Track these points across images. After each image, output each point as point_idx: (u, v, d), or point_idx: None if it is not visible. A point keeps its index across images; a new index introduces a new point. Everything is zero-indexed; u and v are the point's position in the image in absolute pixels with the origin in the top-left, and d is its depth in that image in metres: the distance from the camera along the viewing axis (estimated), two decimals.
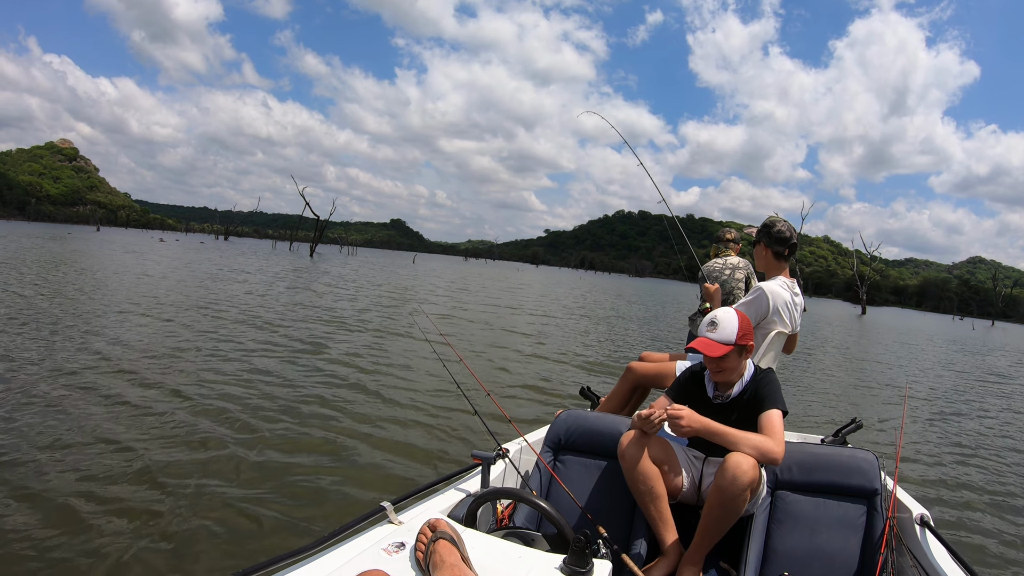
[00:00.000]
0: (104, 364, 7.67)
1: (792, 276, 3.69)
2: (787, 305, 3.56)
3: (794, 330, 3.67)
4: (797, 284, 3.72)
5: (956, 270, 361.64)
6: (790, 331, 3.62)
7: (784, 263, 3.69)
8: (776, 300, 3.52)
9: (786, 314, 3.56)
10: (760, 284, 3.61)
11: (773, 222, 3.69)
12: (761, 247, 3.74)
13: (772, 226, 3.67)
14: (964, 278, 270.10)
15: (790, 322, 3.59)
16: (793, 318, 3.61)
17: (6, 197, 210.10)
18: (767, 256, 3.71)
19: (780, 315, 3.53)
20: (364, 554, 1.85)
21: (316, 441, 5.68)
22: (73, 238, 54.93)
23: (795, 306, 3.62)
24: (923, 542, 2.61)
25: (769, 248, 3.69)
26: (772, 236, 3.66)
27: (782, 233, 3.64)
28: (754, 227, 4.32)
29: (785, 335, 3.61)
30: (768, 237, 3.68)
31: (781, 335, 3.58)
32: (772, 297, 3.52)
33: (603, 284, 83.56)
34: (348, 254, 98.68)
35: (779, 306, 3.52)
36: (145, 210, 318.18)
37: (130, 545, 3.61)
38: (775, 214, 3.84)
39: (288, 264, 42.95)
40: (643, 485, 2.60)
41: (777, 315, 3.52)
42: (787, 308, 3.56)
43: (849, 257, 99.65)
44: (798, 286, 3.71)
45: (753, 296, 3.58)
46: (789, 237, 3.63)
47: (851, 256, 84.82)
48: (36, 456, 4.70)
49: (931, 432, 8.97)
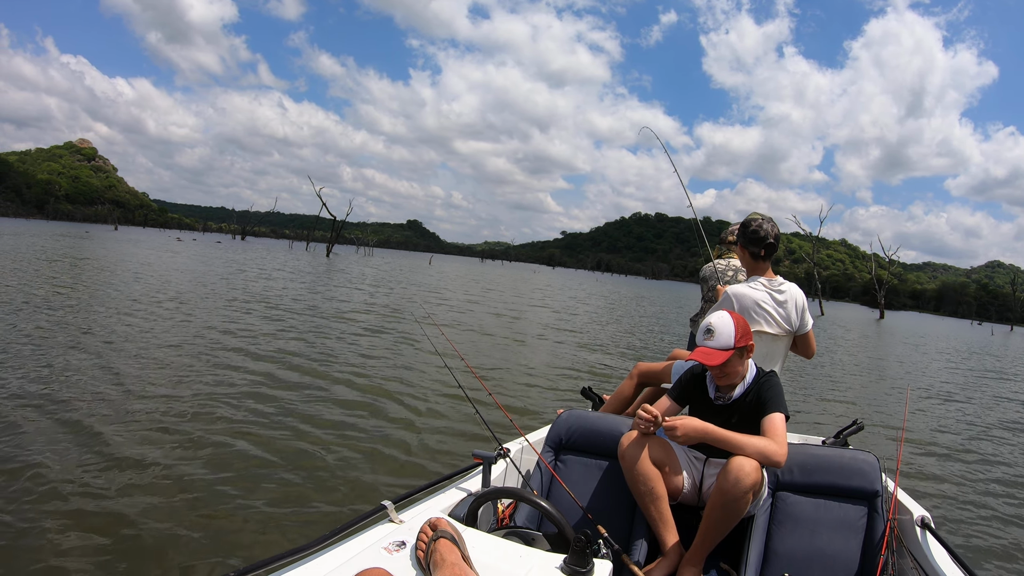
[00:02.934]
0: (115, 356, 7.75)
1: (776, 275, 3.56)
2: (759, 305, 3.43)
3: (790, 330, 3.54)
4: (788, 283, 3.56)
5: (974, 274, 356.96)
6: (777, 331, 3.48)
7: (762, 263, 3.55)
8: (743, 302, 3.42)
9: (760, 314, 3.42)
10: (726, 288, 3.53)
11: (749, 221, 3.55)
12: (739, 247, 3.63)
13: (748, 225, 3.54)
14: (982, 282, 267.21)
15: (771, 322, 3.46)
16: (775, 318, 3.46)
17: (25, 196, 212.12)
18: (745, 257, 3.60)
19: (751, 316, 3.40)
20: (365, 552, 1.86)
21: (317, 439, 5.70)
22: (91, 237, 55.43)
23: (777, 304, 3.46)
24: (924, 544, 2.60)
25: (745, 249, 3.57)
26: (747, 236, 3.53)
27: (756, 233, 3.49)
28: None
29: (771, 335, 3.48)
30: (744, 237, 3.56)
31: (763, 335, 3.45)
32: (737, 299, 3.43)
33: (620, 286, 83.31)
34: (364, 254, 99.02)
35: (747, 307, 3.41)
36: (163, 209, 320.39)
37: (129, 545, 3.64)
38: (756, 213, 3.71)
39: (305, 264, 43.15)
40: (643, 486, 2.61)
41: (747, 316, 3.38)
42: (760, 308, 3.43)
43: (866, 260, 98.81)
44: (787, 284, 3.54)
45: (719, 302, 3.50)
46: (764, 236, 3.47)
47: (868, 260, 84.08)
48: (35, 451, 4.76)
49: (933, 434, 8.92)
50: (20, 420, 5.36)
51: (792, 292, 3.54)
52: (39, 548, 3.49)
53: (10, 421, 5.31)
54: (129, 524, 3.83)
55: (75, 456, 4.76)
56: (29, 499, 4.00)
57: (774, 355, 3.55)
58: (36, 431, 5.16)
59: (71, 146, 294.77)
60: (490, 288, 37.26)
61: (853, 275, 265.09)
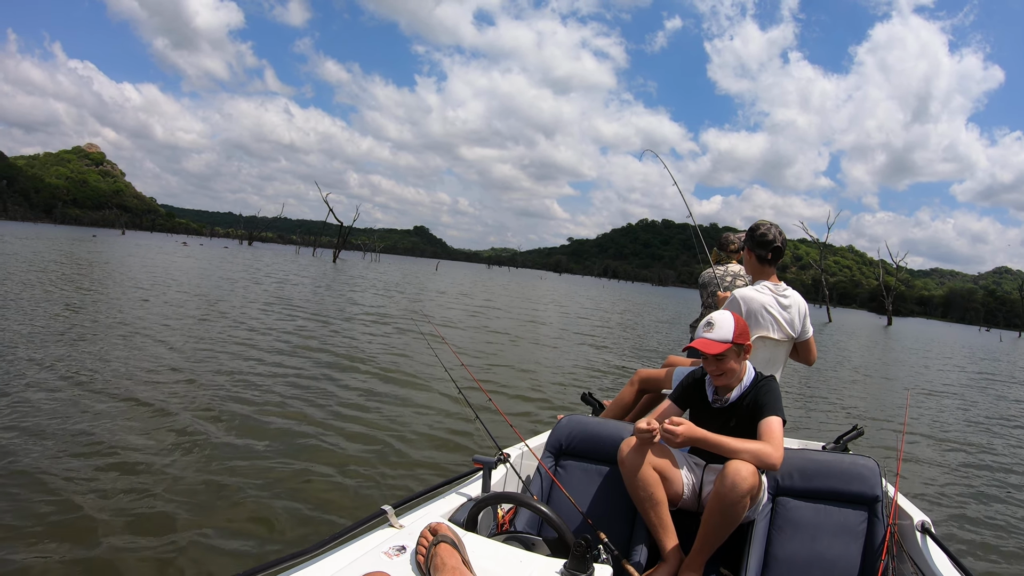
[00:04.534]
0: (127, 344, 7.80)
1: (780, 280, 3.64)
2: (766, 309, 3.50)
3: (792, 336, 3.60)
4: (790, 289, 3.63)
5: (982, 280, 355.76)
6: (780, 337, 3.54)
7: (768, 267, 3.64)
8: (750, 305, 3.49)
9: (766, 319, 3.50)
10: (734, 291, 3.60)
11: (757, 226, 3.64)
12: (746, 251, 3.72)
13: (755, 230, 3.63)
14: (990, 288, 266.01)
15: (775, 326, 3.52)
16: (780, 323, 3.53)
17: (33, 200, 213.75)
18: (752, 260, 3.68)
19: (758, 320, 3.48)
20: (365, 557, 1.86)
21: (318, 444, 5.69)
22: (98, 241, 55.70)
23: (782, 309, 3.54)
24: (924, 549, 2.59)
25: (752, 252, 3.66)
26: (755, 239, 3.62)
27: (764, 236, 3.58)
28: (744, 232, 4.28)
29: (774, 340, 3.54)
30: (751, 241, 3.65)
31: (767, 340, 3.51)
32: (744, 302, 3.49)
33: (628, 293, 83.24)
34: (371, 260, 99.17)
35: (754, 311, 3.48)
36: (171, 214, 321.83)
37: (129, 543, 3.65)
38: (763, 220, 3.79)
39: (314, 270, 43.24)
40: (643, 491, 2.61)
41: (753, 320, 3.47)
42: (766, 313, 3.50)
43: (873, 267, 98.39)
44: (790, 291, 3.62)
45: (727, 304, 3.57)
46: (772, 240, 3.57)
47: (875, 266, 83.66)
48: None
49: (934, 439, 8.89)
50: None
51: (796, 298, 3.61)
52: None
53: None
54: (125, 526, 3.84)
55: (67, 445, 4.78)
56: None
57: (776, 361, 3.61)
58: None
59: (79, 151, 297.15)
60: (496, 295, 37.27)
61: (860, 281, 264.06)
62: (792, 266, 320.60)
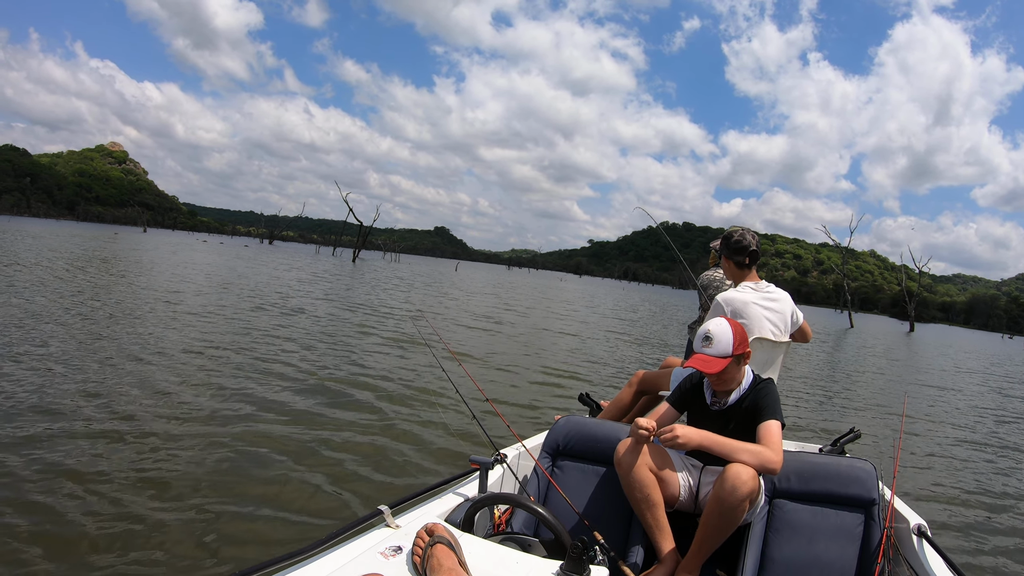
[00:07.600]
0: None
1: (761, 279, 3.67)
2: (751, 306, 3.50)
3: (786, 335, 3.61)
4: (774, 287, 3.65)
5: (1005, 286, 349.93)
6: (777, 338, 3.54)
7: (747, 271, 3.68)
8: (734, 305, 3.49)
9: (752, 314, 3.49)
10: (716, 296, 3.62)
11: (731, 233, 3.70)
12: (724, 260, 3.77)
13: (730, 237, 3.70)
14: (1014, 295, 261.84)
15: (766, 323, 3.52)
16: (770, 320, 3.53)
17: (56, 197, 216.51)
18: (730, 267, 3.73)
19: (746, 318, 3.47)
20: (361, 557, 1.86)
21: (314, 443, 5.69)
22: (120, 238, 56.27)
23: (770, 302, 3.55)
24: (920, 552, 2.59)
25: (730, 259, 3.71)
26: (730, 247, 3.68)
27: (739, 243, 3.64)
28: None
29: (771, 342, 3.53)
30: (727, 249, 3.70)
31: (763, 342, 3.50)
32: (727, 304, 3.50)
33: (648, 295, 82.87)
34: (391, 260, 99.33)
35: (739, 310, 3.48)
36: (192, 212, 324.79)
37: (129, 544, 3.66)
38: (736, 227, 3.83)
39: (332, 269, 43.41)
40: (639, 492, 2.61)
41: (741, 318, 3.45)
42: (751, 310, 3.50)
43: (895, 272, 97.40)
44: (774, 288, 3.63)
45: (711, 310, 3.59)
46: (747, 245, 3.63)
47: (897, 271, 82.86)
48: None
49: (931, 443, 8.83)
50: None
51: (781, 294, 3.66)
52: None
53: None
54: (124, 525, 3.85)
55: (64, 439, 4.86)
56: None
57: (773, 362, 3.62)
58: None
59: (102, 149, 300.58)
60: (515, 298, 37.24)
61: (882, 286, 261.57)
62: (814, 271, 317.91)
